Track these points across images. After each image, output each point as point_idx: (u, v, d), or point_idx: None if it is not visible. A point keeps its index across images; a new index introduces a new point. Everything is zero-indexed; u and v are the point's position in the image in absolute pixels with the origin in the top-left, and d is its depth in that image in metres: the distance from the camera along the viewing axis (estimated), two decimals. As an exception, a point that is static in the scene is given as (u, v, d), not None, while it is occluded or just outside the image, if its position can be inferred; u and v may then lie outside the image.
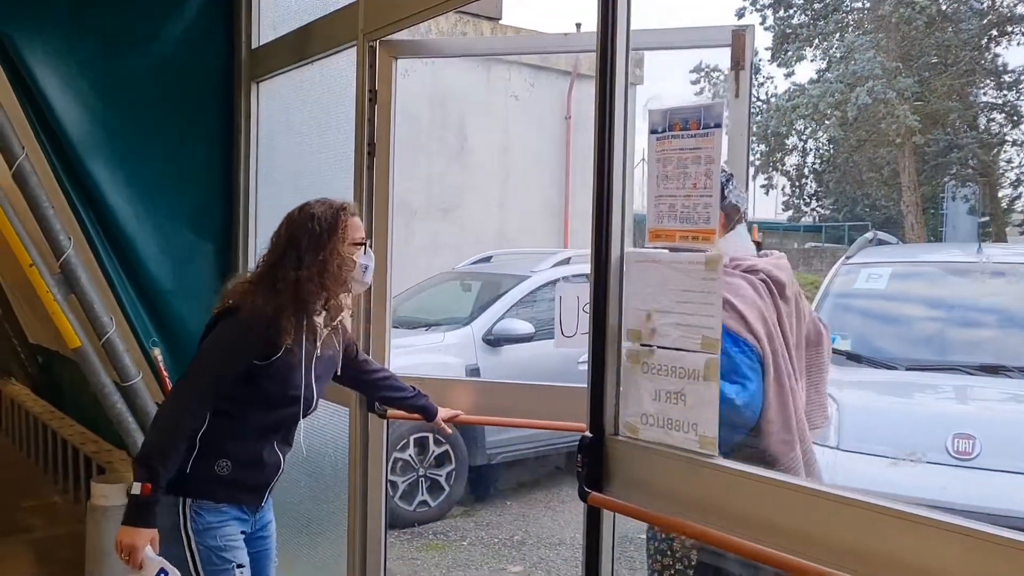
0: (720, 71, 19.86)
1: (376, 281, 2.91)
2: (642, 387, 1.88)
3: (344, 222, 2.29)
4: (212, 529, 2.22)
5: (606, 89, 1.92)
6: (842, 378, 3.95)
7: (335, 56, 3.12)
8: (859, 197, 23.80)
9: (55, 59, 3.27)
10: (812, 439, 2.41)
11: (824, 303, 4.45)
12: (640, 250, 1.91)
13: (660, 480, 1.83)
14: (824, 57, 19.04)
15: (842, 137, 18.90)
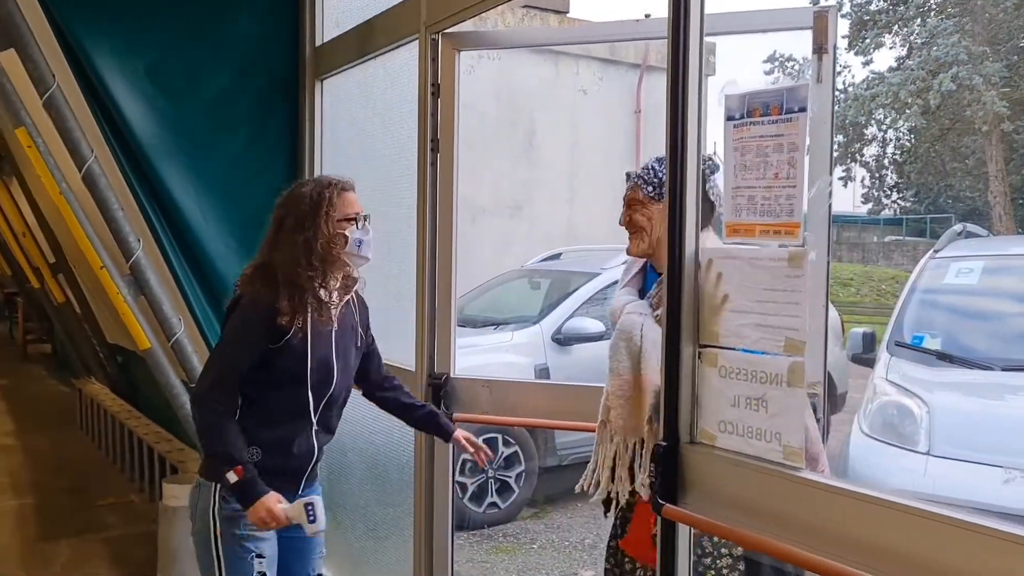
0: (795, 60, 19.36)
1: (441, 279, 2.84)
2: (720, 392, 1.76)
3: (329, 198, 2.27)
4: (238, 517, 2.21)
5: (679, 76, 1.80)
6: (932, 379, 3.74)
7: (398, 50, 3.05)
8: (942, 188, 22.94)
9: (123, 62, 3.29)
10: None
11: (911, 299, 4.22)
12: (716, 246, 1.78)
13: (740, 493, 1.70)
14: (904, 43, 18.38)
15: (924, 126, 18.23)
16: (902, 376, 3.76)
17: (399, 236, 3.09)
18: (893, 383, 3.70)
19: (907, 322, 4.09)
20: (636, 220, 2.08)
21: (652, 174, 2.06)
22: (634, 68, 11.04)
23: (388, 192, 3.21)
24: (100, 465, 6.20)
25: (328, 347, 2.30)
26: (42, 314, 11.08)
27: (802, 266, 1.59)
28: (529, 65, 9.76)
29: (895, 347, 3.97)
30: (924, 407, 3.46)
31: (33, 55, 3.18)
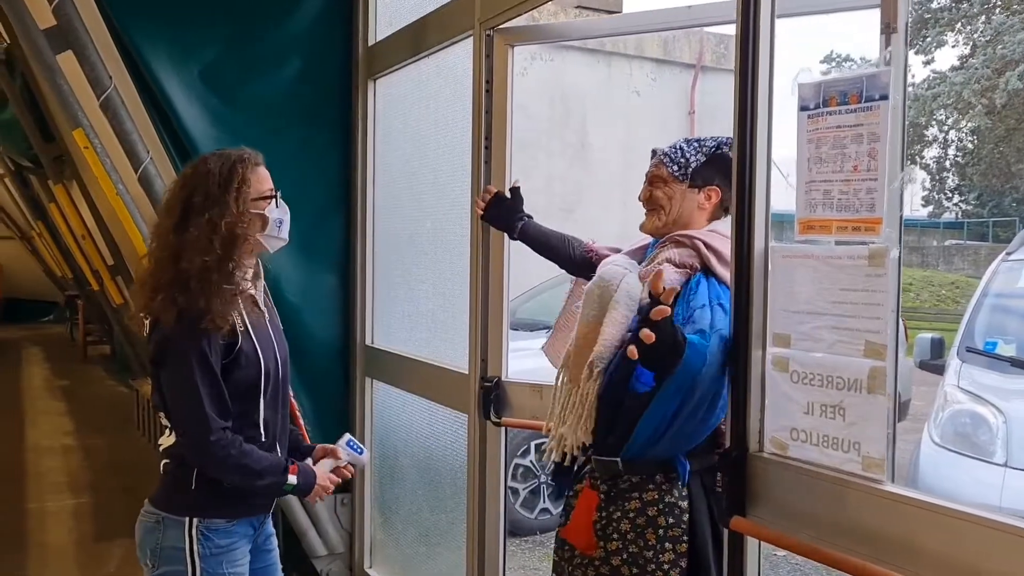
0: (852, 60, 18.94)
1: (493, 281, 2.78)
2: (792, 398, 1.66)
3: (243, 174, 1.97)
4: (221, 554, 1.97)
5: (747, 64, 1.71)
6: (1007, 386, 3.56)
7: (452, 48, 3.00)
8: (1006, 190, 22.26)
9: (178, 64, 3.30)
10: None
11: (983, 303, 4.03)
12: (788, 244, 1.68)
13: (815, 506, 1.60)
14: (968, 42, 17.87)
15: (988, 126, 17.69)
16: (974, 383, 3.59)
17: (452, 236, 3.04)
18: (965, 391, 3.54)
19: (979, 327, 3.92)
20: (656, 197, 2.00)
21: (679, 154, 2.00)
22: (688, 68, 10.89)
23: (441, 191, 3.16)
24: (156, 465, 6.24)
25: (270, 341, 2.04)
26: (101, 316, 11.31)
27: (884, 264, 1.49)
28: (582, 66, 9.67)
29: (966, 353, 3.80)
30: (1000, 416, 3.30)
31: (90, 57, 3.20)
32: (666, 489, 1.84)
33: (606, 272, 1.94)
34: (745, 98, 1.71)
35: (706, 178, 1.98)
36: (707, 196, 1.98)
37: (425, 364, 3.16)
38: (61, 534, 4.78)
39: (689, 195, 1.98)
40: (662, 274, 1.67)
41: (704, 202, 1.99)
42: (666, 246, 1.95)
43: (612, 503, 1.88)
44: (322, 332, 3.66)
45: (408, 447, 3.45)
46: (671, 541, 1.80)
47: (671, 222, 1.99)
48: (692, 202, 1.98)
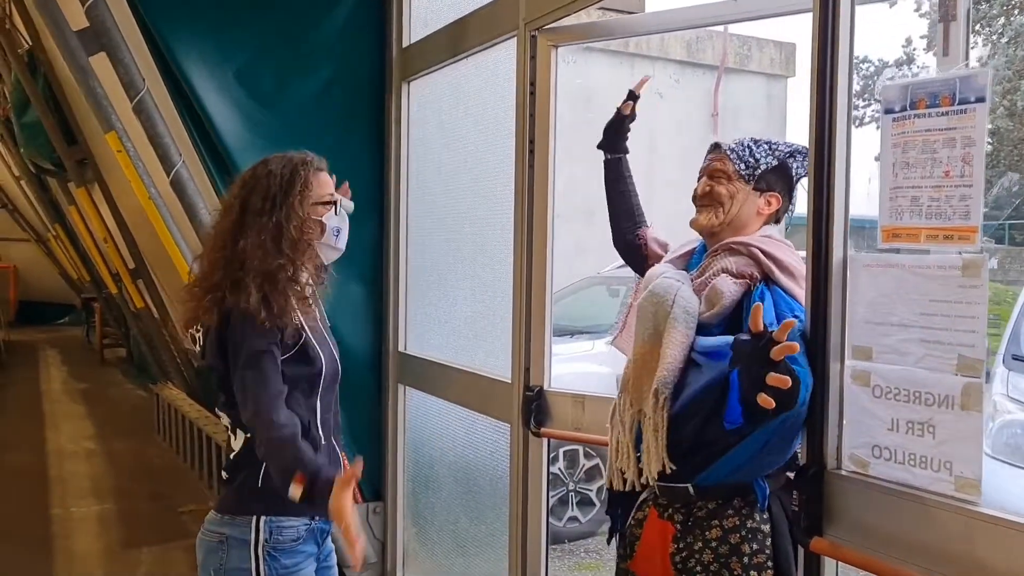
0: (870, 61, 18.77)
1: (535, 287, 2.71)
2: (874, 414, 1.59)
3: (304, 177, 1.93)
4: (288, 574, 1.91)
5: (825, 61, 1.64)
6: (1056, 395, 3.48)
7: (491, 49, 2.94)
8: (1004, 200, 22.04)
9: (211, 67, 3.25)
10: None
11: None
12: (871, 254, 1.61)
13: (899, 526, 1.53)
14: (987, 43, 17.71)
15: (1008, 129, 17.53)
16: (1023, 392, 3.51)
17: (493, 241, 2.98)
18: (1015, 400, 3.45)
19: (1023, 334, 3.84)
20: (718, 192, 1.86)
21: (748, 152, 1.88)
22: (711, 70, 10.80)
23: (481, 195, 3.10)
24: (179, 471, 6.22)
25: (326, 339, 2.02)
26: (118, 319, 11.30)
27: (980, 275, 1.42)
28: (605, 68, 9.59)
29: (1012, 361, 3.72)
30: (1055, 425, 3.23)
31: (124, 59, 3.16)
32: (746, 514, 1.72)
33: (659, 287, 1.82)
34: (823, 99, 1.65)
35: (771, 183, 1.87)
36: (767, 202, 1.87)
37: (464, 372, 3.10)
38: (87, 540, 4.74)
39: (751, 197, 1.86)
40: (760, 311, 1.51)
41: (764, 207, 1.87)
42: (719, 255, 1.83)
43: (690, 532, 1.76)
44: (353, 338, 3.60)
45: (443, 455, 3.38)
46: (756, 569, 1.70)
47: (727, 222, 1.86)
48: (752, 205, 1.86)
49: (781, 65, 11.53)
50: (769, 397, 1.45)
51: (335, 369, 2.03)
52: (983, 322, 1.42)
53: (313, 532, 1.97)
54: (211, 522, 1.96)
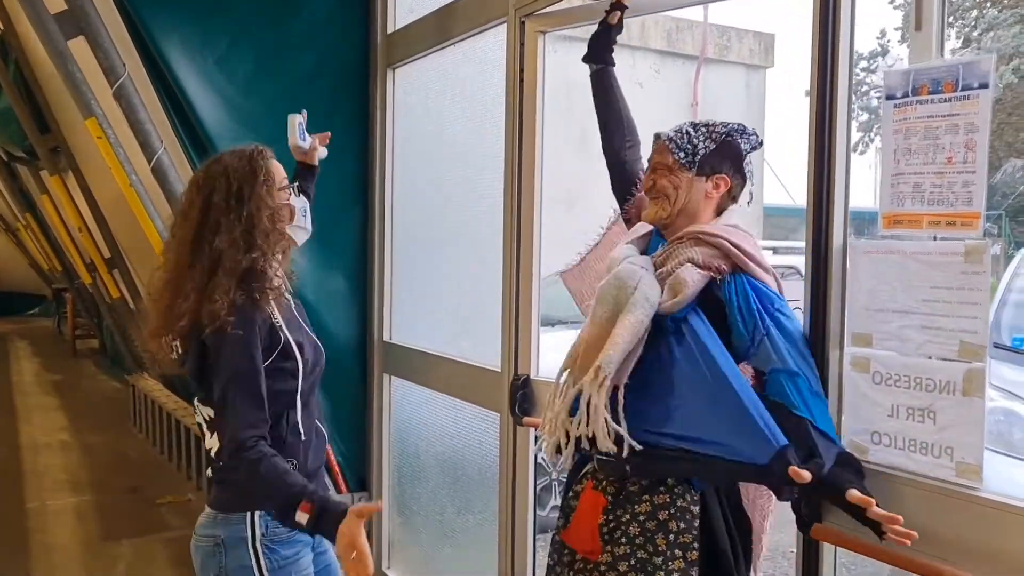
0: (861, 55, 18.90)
1: (523, 276, 2.70)
2: (873, 401, 1.59)
3: (264, 166, 1.90)
4: (288, 565, 1.89)
5: (826, 50, 1.64)
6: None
7: (480, 36, 2.92)
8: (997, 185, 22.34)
9: (193, 52, 3.19)
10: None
11: (1007, 299, 3.99)
12: (871, 240, 1.61)
13: (899, 511, 1.52)
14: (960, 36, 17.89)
15: (986, 121, 17.71)
16: (1004, 380, 3.55)
17: (480, 229, 2.96)
18: (997, 387, 3.49)
19: (1004, 323, 3.88)
20: (662, 186, 1.84)
21: (686, 139, 1.83)
22: (691, 60, 10.79)
23: (469, 184, 3.07)
24: (156, 462, 6.15)
25: (302, 327, 1.98)
26: (91, 310, 11.14)
27: (982, 261, 1.42)
28: (584, 58, 9.53)
29: (993, 349, 3.75)
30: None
31: (103, 44, 3.10)
32: (678, 493, 1.72)
33: (623, 271, 1.79)
34: (824, 86, 1.64)
35: (714, 166, 1.82)
36: (715, 185, 1.83)
37: (451, 361, 3.07)
38: (65, 534, 4.67)
39: (696, 184, 1.82)
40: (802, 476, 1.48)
41: (711, 191, 1.83)
42: (684, 243, 1.80)
43: (620, 506, 1.77)
44: (338, 327, 3.56)
45: (430, 445, 3.36)
46: (681, 548, 1.69)
47: (676, 212, 1.83)
48: (699, 191, 1.82)
49: (760, 55, 11.56)
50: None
51: (315, 357, 1.99)
52: (986, 308, 1.43)
53: None
54: (203, 525, 1.89)
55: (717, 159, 1.82)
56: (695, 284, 1.70)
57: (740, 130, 1.83)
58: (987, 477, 3.07)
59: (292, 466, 1.82)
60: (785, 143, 22.61)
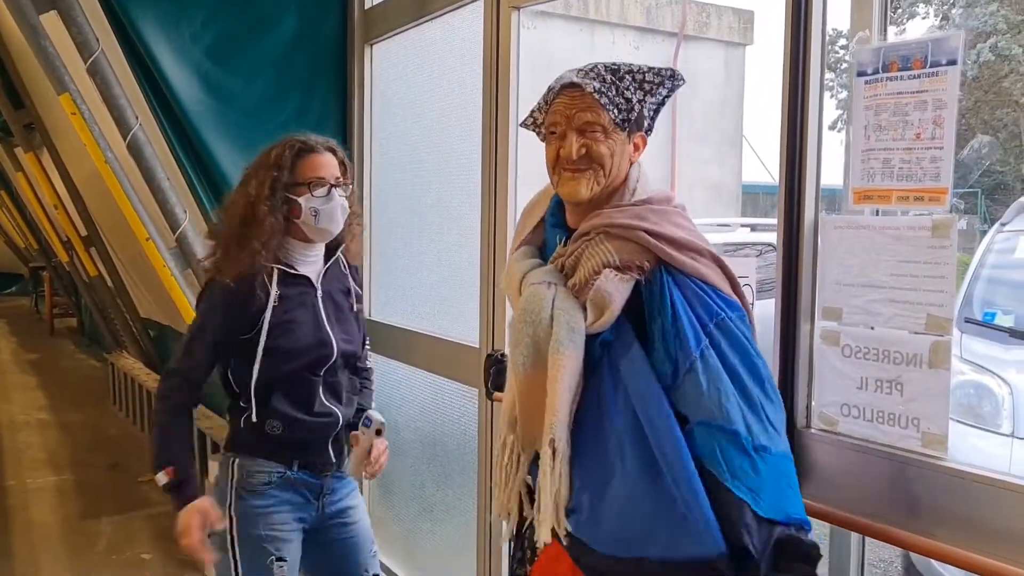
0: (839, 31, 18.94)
1: (498, 251, 2.71)
2: (843, 373, 1.62)
3: (282, 158, 2.04)
4: (258, 515, 2.03)
5: (799, 25, 1.65)
6: (1007, 357, 3.57)
7: (457, 12, 2.90)
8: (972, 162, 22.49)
9: (168, 26, 3.16)
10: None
11: (979, 274, 4.04)
12: (841, 215, 1.64)
13: (869, 482, 1.57)
14: (939, 13, 17.95)
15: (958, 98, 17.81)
16: (974, 354, 3.60)
17: (458, 206, 2.96)
18: (968, 361, 3.54)
19: (976, 298, 3.93)
20: (598, 153, 1.46)
21: (616, 91, 1.46)
22: (671, 37, 10.80)
23: (447, 160, 3.07)
24: (137, 441, 6.14)
25: (315, 315, 2.11)
26: (69, 288, 11.05)
27: (948, 236, 1.45)
28: (564, 34, 9.55)
29: (965, 324, 3.81)
30: (1005, 386, 3.31)
31: (77, 19, 3.06)
32: None
33: (531, 301, 1.45)
34: (796, 63, 1.65)
35: (638, 122, 1.50)
36: (635, 146, 1.51)
37: (430, 337, 3.09)
38: (45, 512, 4.67)
39: (626, 147, 1.50)
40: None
41: (633, 155, 1.51)
42: (592, 241, 1.45)
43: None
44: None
45: (409, 422, 3.38)
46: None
47: (608, 185, 1.48)
48: (626, 156, 1.50)
49: (740, 33, 11.58)
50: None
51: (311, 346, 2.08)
52: (952, 282, 1.45)
53: (291, 482, 2.09)
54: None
55: (642, 114, 1.50)
56: (621, 296, 1.40)
57: (655, 70, 1.49)
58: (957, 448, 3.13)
59: (274, 427, 2.04)
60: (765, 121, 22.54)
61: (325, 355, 2.11)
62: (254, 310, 2.02)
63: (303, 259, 2.12)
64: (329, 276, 2.18)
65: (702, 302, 1.38)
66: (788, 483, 1.34)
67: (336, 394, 2.16)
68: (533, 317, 1.43)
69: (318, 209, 2.04)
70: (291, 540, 2.08)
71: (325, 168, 2.08)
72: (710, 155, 11.46)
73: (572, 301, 1.42)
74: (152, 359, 6.91)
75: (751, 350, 1.39)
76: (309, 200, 2.04)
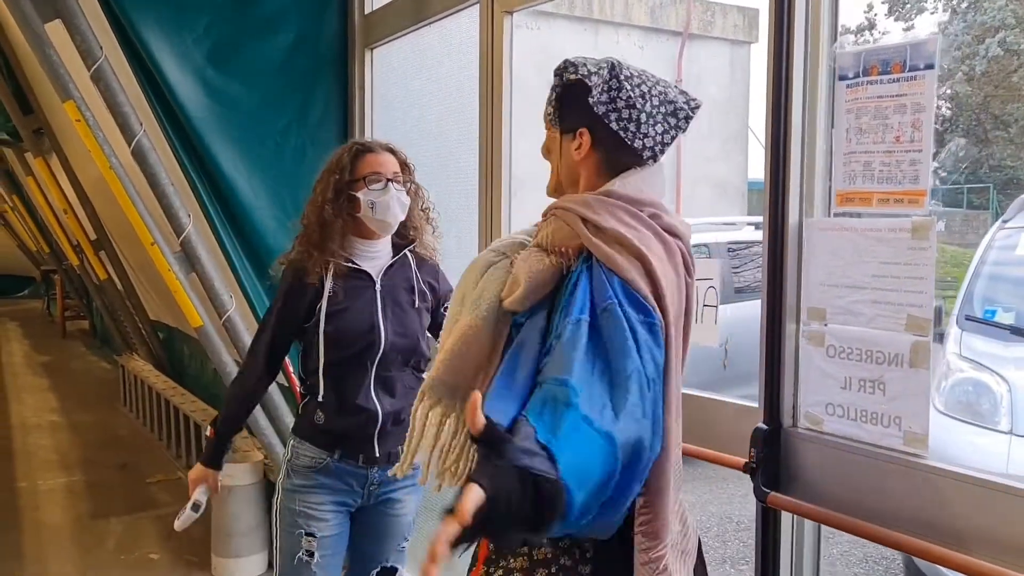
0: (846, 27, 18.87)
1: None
2: (828, 373, 1.64)
3: (342, 160, 2.20)
4: (296, 492, 2.21)
5: (783, 28, 1.67)
6: (1006, 355, 3.58)
7: (454, 16, 2.94)
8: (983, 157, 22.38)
9: (170, 33, 3.19)
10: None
11: (980, 271, 4.04)
12: (825, 218, 1.66)
13: (853, 480, 1.59)
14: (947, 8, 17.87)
15: (967, 93, 17.75)
16: (974, 352, 3.61)
17: (459, 208, 2.99)
18: (967, 359, 3.55)
19: (977, 295, 3.93)
20: (544, 148, 1.49)
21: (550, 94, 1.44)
22: (675, 36, 10.79)
23: (447, 164, 3.10)
24: (147, 442, 6.20)
25: (369, 307, 2.20)
26: (80, 291, 11.15)
27: (928, 237, 1.47)
28: (568, 34, 9.56)
29: (965, 321, 3.81)
30: (1004, 384, 3.32)
31: (80, 27, 3.09)
32: (563, 547, 1.35)
33: (471, 265, 1.47)
34: (780, 66, 1.68)
35: (572, 119, 1.41)
36: (578, 144, 1.40)
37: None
38: (56, 512, 4.73)
39: (565, 145, 1.43)
40: (476, 404, 1.05)
41: (575, 154, 1.41)
42: (544, 221, 1.43)
43: (499, 559, 1.38)
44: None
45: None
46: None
47: (558, 182, 1.46)
48: (568, 154, 1.42)
49: (744, 31, 11.57)
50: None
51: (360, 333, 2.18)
52: (931, 283, 1.47)
53: (332, 470, 2.21)
54: None
55: (566, 109, 1.42)
56: (533, 278, 1.33)
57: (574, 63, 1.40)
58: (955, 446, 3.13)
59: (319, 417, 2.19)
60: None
61: (373, 343, 2.18)
62: (311, 299, 2.17)
63: (364, 254, 2.23)
64: (393, 272, 2.26)
65: (603, 291, 1.25)
66: (587, 453, 1.10)
67: (388, 389, 2.22)
68: (464, 279, 1.45)
69: (374, 201, 2.16)
70: (325, 519, 2.21)
71: (382, 165, 2.21)
72: (715, 152, 11.44)
73: (501, 273, 1.40)
74: (161, 361, 6.97)
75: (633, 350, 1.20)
76: (366, 194, 2.16)
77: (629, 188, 1.36)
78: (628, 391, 1.16)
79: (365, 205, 2.16)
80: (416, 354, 2.27)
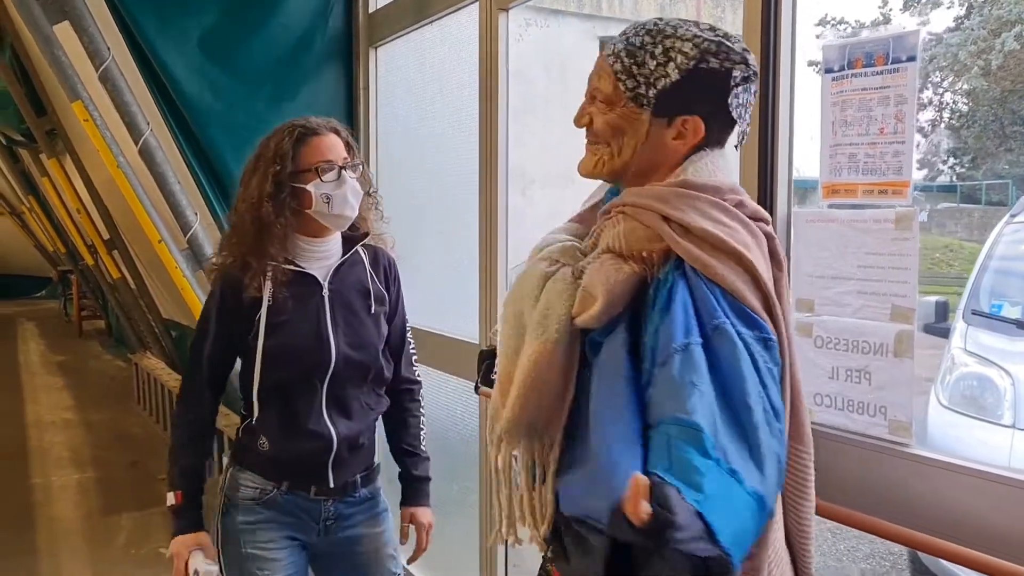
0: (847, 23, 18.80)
1: (487, 252, 2.75)
2: (816, 364, 1.66)
3: (280, 143, 1.84)
4: (242, 532, 1.89)
5: (769, 20, 1.68)
6: (1013, 349, 3.57)
7: (455, 14, 2.96)
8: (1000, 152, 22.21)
9: (175, 34, 3.24)
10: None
11: (988, 265, 4.04)
12: (811, 209, 1.67)
13: (839, 470, 1.60)
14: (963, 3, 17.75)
15: (983, 88, 17.63)
16: (980, 346, 3.61)
17: (460, 205, 3.02)
18: (972, 353, 3.55)
19: (984, 290, 3.93)
20: (596, 125, 1.26)
21: (636, 60, 1.21)
22: (684, 33, 10.74)
23: (447, 159, 3.13)
24: (158, 439, 6.26)
25: (316, 317, 1.90)
26: (95, 290, 11.25)
27: (911, 228, 1.48)
28: (577, 32, 9.56)
29: (971, 316, 3.81)
30: (1008, 378, 3.32)
31: (88, 28, 3.15)
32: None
33: (525, 276, 1.28)
34: (767, 58, 1.69)
35: (685, 103, 1.21)
36: (679, 132, 1.22)
37: (431, 334, 3.14)
38: (68, 508, 4.80)
39: (655, 129, 1.22)
40: (639, 490, 0.85)
41: (674, 140, 1.23)
42: (610, 219, 1.23)
43: None
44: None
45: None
46: None
47: (620, 167, 1.25)
48: (658, 139, 1.22)
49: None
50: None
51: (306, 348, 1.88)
52: (915, 273, 1.49)
53: (279, 502, 1.91)
54: None
55: (684, 94, 1.20)
56: (612, 290, 1.14)
57: (716, 49, 1.19)
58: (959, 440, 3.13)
59: (262, 444, 1.88)
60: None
61: (322, 360, 1.88)
62: (248, 310, 1.87)
63: (309, 255, 1.92)
64: (342, 273, 1.96)
65: (708, 306, 1.08)
66: (743, 517, 0.95)
67: (344, 411, 1.93)
68: (521, 294, 1.25)
69: (330, 195, 1.84)
70: (278, 559, 1.90)
71: (331, 150, 1.87)
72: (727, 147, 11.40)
73: (565, 285, 1.20)
74: (173, 359, 7.04)
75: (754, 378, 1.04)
76: (319, 186, 1.83)
77: (703, 175, 1.19)
78: (758, 429, 1.00)
79: (318, 200, 1.83)
80: (374, 369, 1.97)
